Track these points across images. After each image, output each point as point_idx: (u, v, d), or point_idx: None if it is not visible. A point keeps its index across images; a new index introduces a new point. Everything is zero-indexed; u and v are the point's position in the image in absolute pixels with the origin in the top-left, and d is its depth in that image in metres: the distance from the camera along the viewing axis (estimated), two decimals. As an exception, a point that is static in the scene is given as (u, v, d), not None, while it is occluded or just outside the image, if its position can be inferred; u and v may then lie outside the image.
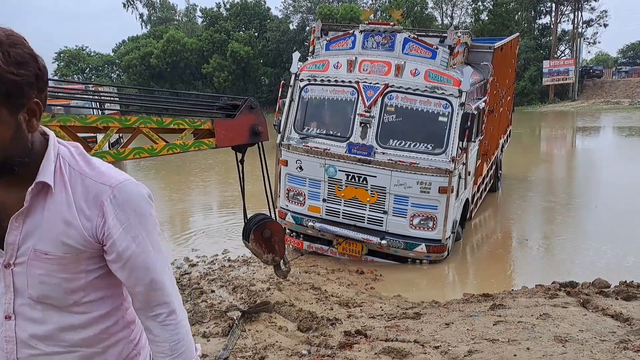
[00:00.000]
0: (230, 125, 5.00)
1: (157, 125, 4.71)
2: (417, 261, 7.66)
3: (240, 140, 5.11)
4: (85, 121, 4.44)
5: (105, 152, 4.51)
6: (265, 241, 5.58)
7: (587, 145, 24.77)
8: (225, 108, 5.19)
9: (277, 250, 5.71)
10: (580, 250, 8.67)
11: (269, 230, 5.51)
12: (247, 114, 5.03)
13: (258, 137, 5.14)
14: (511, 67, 13.04)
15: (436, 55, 7.33)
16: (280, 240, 5.72)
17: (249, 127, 5.04)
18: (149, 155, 4.79)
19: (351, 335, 4.82)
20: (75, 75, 54.71)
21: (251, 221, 5.63)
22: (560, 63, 48.67)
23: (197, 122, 4.91)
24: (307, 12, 54.92)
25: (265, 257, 5.69)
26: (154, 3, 63.44)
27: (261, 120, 5.12)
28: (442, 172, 7.18)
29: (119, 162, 18.47)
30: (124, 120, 4.61)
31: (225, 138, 4.97)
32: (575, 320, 4.50)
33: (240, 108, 5.04)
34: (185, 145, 4.85)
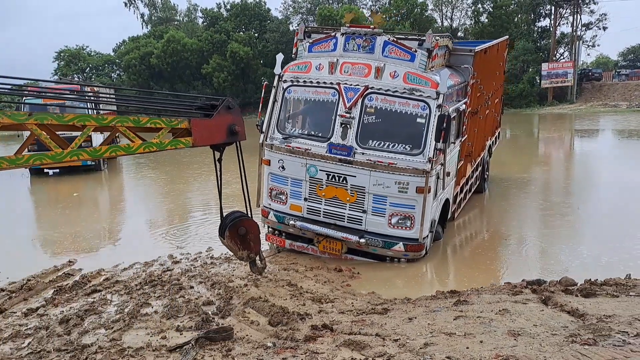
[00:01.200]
0: (207, 124, 5.10)
1: (133, 124, 4.80)
2: (395, 260, 7.81)
3: (217, 140, 5.21)
4: (62, 119, 4.52)
5: (81, 150, 4.57)
6: (240, 238, 5.75)
7: (583, 148, 24.94)
8: (203, 108, 5.31)
9: (252, 247, 5.88)
10: (557, 250, 8.83)
11: (244, 227, 5.67)
12: (224, 114, 5.14)
13: (235, 137, 5.25)
14: (499, 69, 13.19)
15: (415, 57, 7.49)
16: (255, 238, 5.89)
17: (226, 127, 5.15)
18: (126, 154, 4.94)
19: (318, 329, 4.98)
20: (75, 75, 54.94)
21: (227, 218, 5.79)
22: (559, 66, 48.84)
23: (174, 122, 5.00)
24: (307, 13, 55.18)
25: (240, 254, 5.86)
26: (155, 3, 63.72)
27: (239, 120, 5.23)
28: (420, 173, 7.33)
29: (113, 160, 18.71)
30: (101, 119, 4.69)
31: (202, 137, 5.07)
32: (532, 316, 4.65)
33: (217, 108, 5.16)
34: (161, 144, 4.95)
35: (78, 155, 4.53)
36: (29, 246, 9.92)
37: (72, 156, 4.47)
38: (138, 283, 7.02)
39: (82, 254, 8.92)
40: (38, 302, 6.53)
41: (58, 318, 5.86)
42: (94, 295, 6.67)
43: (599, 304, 4.95)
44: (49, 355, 4.94)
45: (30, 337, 5.43)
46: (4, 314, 6.17)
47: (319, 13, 49.09)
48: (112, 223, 11.68)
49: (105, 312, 6.03)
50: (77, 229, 10.77)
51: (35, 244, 10.17)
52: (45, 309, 6.25)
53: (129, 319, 5.68)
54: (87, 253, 9.05)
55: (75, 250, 9.14)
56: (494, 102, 12.98)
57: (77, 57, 57.02)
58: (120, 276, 7.48)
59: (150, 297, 6.42)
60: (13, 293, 6.81)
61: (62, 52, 56.95)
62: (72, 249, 9.30)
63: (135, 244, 9.61)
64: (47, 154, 4.42)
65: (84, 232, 10.52)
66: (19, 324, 5.81)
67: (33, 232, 11.11)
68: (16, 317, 6.06)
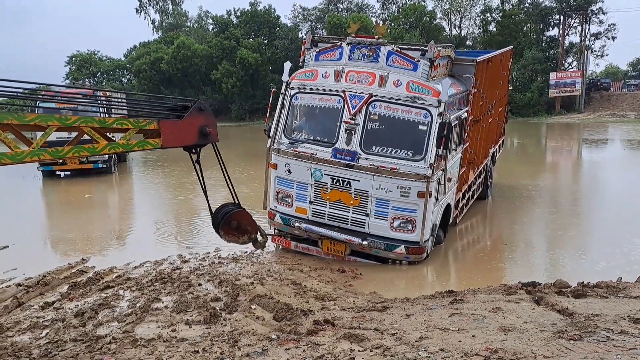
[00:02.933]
0: (177, 125, 5.06)
1: (99, 125, 4.71)
2: (397, 262, 8.07)
3: (187, 141, 5.18)
4: (24, 119, 4.42)
5: (42, 150, 4.47)
6: (236, 230, 5.93)
7: (591, 157, 25.02)
8: (175, 109, 5.29)
9: (249, 231, 6.06)
10: (556, 255, 9.06)
11: (235, 221, 5.84)
12: (195, 115, 5.11)
13: (207, 138, 5.22)
14: (502, 79, 13.43)
15: (417, 67, 7.76)
16: (249, 223, 6.02)
17: (197, 128, 5.12)
18: (90, 155, 4.85)
19: (320, 324, 5.24)
20: (86, 79, 55.70)
21: (217, 217, 5.92)
22: (567, 75, 48.91)
23: (142, 123, 4.96)
24: (316, 21, 55.68)
25: (242, 240, 6.09)
26: (166, 9, 64.49)
27: (211, 122, 5.20)
28: (421, 178, 7.59)
29: (125, 160, 19.10)
30: (64, 119, 4.58)
31: (171, 138, 5.03)
32: (523, 314, 4.90)
33: (189, 109, 5.13)
34: (128, 145, 4.90)
35: (39, 155, 4.44)
36: (43, 245, 10.28)
37: (32, 156, 4.38)
38: (149, 280, 7.32)
39: (94, 252, 9.24)
40: (54, 297, 6.85)
41: (73, 311, 6.17)
42: (107, 290, 6.97)
43: (588, 304, 5.18)
44: (65, 344, 5.23)
45: (48, 328, 5.74)
46: (22, 307, 6.50)
47: (328, 21, 49.55)
48: (123, 223, 12.01)
49: (118, 307, 6.34)
50: (89, 229, 11.12)
51: (49, 243, 10.52)
52: (60, 303, 6.56)
53: (140, 313, 5.99)
54: (99, 252, 9.38)
55: (87, 250, 9.47)
56: (497, 110, 13.22)
57: (89, 61, 57.79)
58: (131, 274, 7.79)
59: (161, 293, 6.72)
60: (30, 288, 7.13)
61: (74, 56, 57.76)
62: (84, 248, 9.63)
63: (146, 244, 9.92)
64: (6, 154, 4.28)
65: (96, 232, 10.86)
66: (36, 316, 6.13)
67: (47, 232, 11.46)
68: (34, 310, 6.37)
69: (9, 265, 8.29)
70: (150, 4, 64.10)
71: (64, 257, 9.12)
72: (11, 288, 7.14)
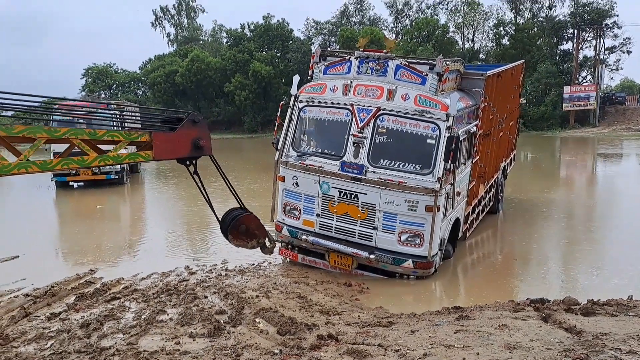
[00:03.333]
0: (170, 138, 4.97)
1: (89, 137, 4.62)
2: (405, 276, 7.99)
3: (180, 154, 5.08)
4: (12, 132, 4.34)
5: (30, 162, 4.37)
6: (244, 234, 5.89)
7: (606, 171, 24.73)
8: (169, 121, 5.21)
9: (258, 235, 6.01)
10: (567, 271, 8.93)
11: (243, 225, 5.79)
12: (189, 128, 5.01)
13: (200, 151, 5.11)
14: (513, 93, 13.36)
15: (426, 81, 7.76)
16: (257, 227, 5.94)
17: (190, 141, 5.01)
18: (79, 167, 4.77)
19: (323, 338, 5.19)
20: (102, 91, 56.49)
21: (224, 222, 5.89)
22: (581, 89, 48.63)
23: (133, 135, 4.83)
24: (328, 34, 56.05)
25: (251, 244, 6.03)
26: (181, 23, 65.38)
27: (204, 134, 5.10)
28: (429, 192, 7.54)
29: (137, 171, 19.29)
30: (53, 131, 4.48)
31: (164, 151, 4.95)
32: (529, 331, 4.81)
33: (182, 122, 5.04)
34: (118, 157, 4.79)
35: (27, 167, 4.35)
36: (54, 255, 10.36)
37: (19, 168, 4.30)
38: (155, 292, 7.33)
39: (103, 263, 9.29)
40: (61, 307, 6.88)
41: (79, 322, 6.18)
42: (114, 302, 6.99)
43: (597, 322, 5.08)
44: (69, 356, 5.24)
45: (53, 339, 5.75)
46: (29, 317, 6.53)
47: (341, 34, 49.90)
48: (132, 235, 12.08)
49: (123, 318, 6.34)
50: (99, 240, 11.19)
51: (59, 253, 10.61)
52: (67, 314, 6.58)
53: (145, 325, 5.98)
54: (108, 263, 9.42)
55: (96, 260, 9.52)
56: (508, 124, 13.15)
57: (105, 74, 58.68)
58: (138, 285, 7.80)
59: (166, 305, 6.71)
60: (37, 298, 7.16)
61: (90, 69, 58.67)
62: (94, 258, 9.69)
63: (154, 255, 9.95)
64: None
65: (106, 243, 10.93)
66: (42, 327, 6.15)
67: (57, 243, 11.57)
68: (40, 321, 6.40)
69: (18, 275, 8.36)
70: (165, 18, 65.15)
71: (73, 267, 9.17)
72: (19, 298, 7.19)
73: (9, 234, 11.97)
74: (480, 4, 56.63)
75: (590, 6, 49.63)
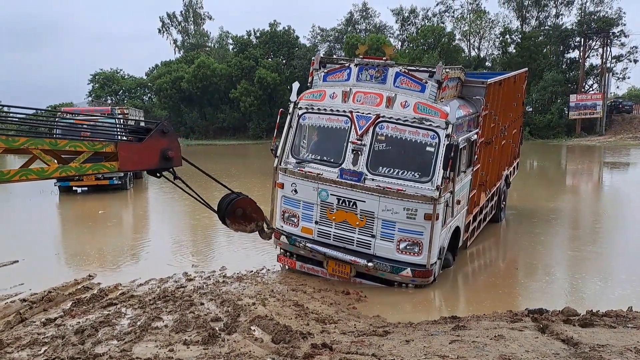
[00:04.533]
0: (137, 149, 4.78)
1: (50, 146, 4.38)
2: (403, 285, 7.93)
3: (148, 165, 4.92)
4: None
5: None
6: (242, 218, 5.81)
7: (613, 180, 24.53)
8: (137, 131, 5.05)
9: (255, 218, 5.94)
10: (570, 281, 8.83)
11: (240, 208, 5.70)
12: (157, 138, 4.82)
13: (169, 162, 4.94)
14: (516, 101, 13.30)
15: (425, 88, 7.73)
16: (254, 210, 5.83)
17: (158, 152, 4.83)
18: (40, 178, 4.49)
19: (317, 347, 5.13)
20: (108, 97, 56.81)
21: (221, 209, 5.79)
22: (588, 97, 48.38)
23: (97, 145, 4.65)
24: (334, 41, 56.18)
25: (250, 228, 5.94)
26: (187, 30, 65.73)
27: (174, 145, 4.92)
28: (428, 200, 7.49)
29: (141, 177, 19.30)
30: (11, 140, 4.23)
31: (129, 162, 4.77)
32: (525, 342, 4.73)
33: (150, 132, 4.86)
34: (81, 168, 4.58)
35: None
36: (53, 260, 10.35)
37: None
38: (152, 298, 7.30)
39: (102, 269, 9.28)
40: (57, 313, 6.86)
41: (74, 328, 6.16)
42: (110, 308, 6.96)
43: (594, 334, 5.00)
44: (62, 362, 5.21)
45: (47, 345, 5.73)
46: (24, 323, 6.52)
47: (346, 42, 49.99)
48: (133, 240, 12.07)
49: (118, 325, 6.31)
50: (100, 245, 11.20)
51: (58, 258, 10.60)
52: (62, 320, 6.57)
53: (140, 332, 5.95)
54: (107, 268, 9.41)
55: (96, 265, 9.51)
56: (511, 132, 13.08)
57: (111, 79, 59.02)
58: (136, 291, 7.78)
59: (162, 312, 6.68)
60: (34, 304, 7.15)
61: (97, 74, 59.04)
62: (93, 263, 9.68)
63: (154, 261, 9.93)
64: None
65: (106, 248, 10.93)
66: (37, 333, 6.13)
67: (58, 247, 11.58)
68: (35, 326, 6.38)
69: (16, 280, 8.36)
70: (172, 25, 65.52)
71: (72, 272, 9.18)
72: (16, 303, 7.18)
73: (11, 239, 11.99)
74: (486, 12, 56.65)
75: (598, 15, 49.53)
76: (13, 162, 22.26)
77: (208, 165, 5.30)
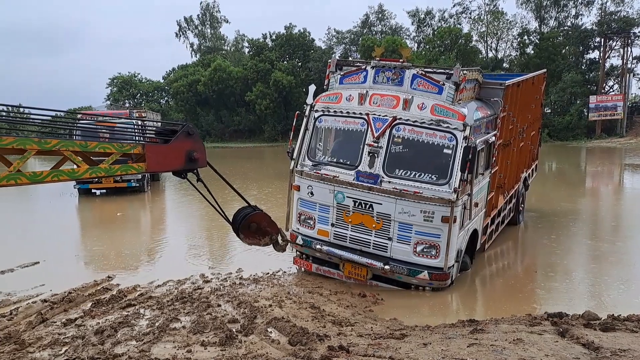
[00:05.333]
0: (163, 150, 4.95)
1: (80, 148, 4.54)
2: (420, 288, 7.89)
3: (174, 166, 5.05)
4: (0, 143, 4.19)
5: (19, 174, 4.28)
6: (256, 232, 5.85)
7: (634, 183, 24.12)
8: (163, 134, 5.20)
9: (270, 232, 5.97)
10: (590, 284, 8.70)
11: (254, 223, 5.75)
12: (183, 140, 4.98)
13: (194, 164, 5.09)
14: (535, 102, 13.16)
15: (442, 90, 7.69)
16: (269, 224, 5.87)
17: (184, 153, 4.99)
18: (70, 179, 4.63)
19: (334, 350, 5.14)
20: (126, 100, 57.45)
21: (235, 222, 5.84)
22: (608, 98, 47.65)
23: (125, 147, 4.80)
24: (350, 44, 56.12)
25: (264, 242, 5.97)
26: (204, 33, 66.18)
27: (198, 147, 5.07)
28: (445, 202, 7.44)
29: (158, 179, 19.49)
30: (44, 142, 4.39)
31: (157, 163, 4.93)
32: (545, 346, 4.68)
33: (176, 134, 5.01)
34: (110, 170, 4.73)
35: (16, 179, 4.26)
36: (73, 261, 10.49)
37: (8, 180, 4.20)
38: (170, 299, 7.37)
39: (120, 270, 9.38)
40: (77, 313, 6.96)
41: (94, 329, 6.25)
42: (129, 309, 7.05)
43: (616, 339, 4.93)
44: (82, 362, 5.28)
45: (67, 345, 5.82)
46: (45, 323, 6.62)
47: (362, 43, 49.90)
48: (151, 242, 12.19)
49: (137, 325, 6.38)
50: (118, 246, 11.33)
51: (79, 259, 10.74)
52: (82, 320, 6.66)
53: (158, 333, 6.02)
54: (126, 269, 9.52)
55: (114, 267, 9.63)
56: (529, 134, 12.95)
57: (129, 83, 59.63)
58: (154, 292, 7.86)
59: (180, 313, 6.74)
60: (55, 304, 7.26)
61: (115, 78, 59.73)
62: (112, 265, 9.80)
63: (171, 263, 10.03)
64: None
65: (124, 250, 11.05)
66: (58, 333, 6.22)
67: (77, 249, 11.72)
68: (56, 327, 6.48)
69: (37, 281, 8.50)
70: (189, 29, 66.04)
71: (92, 273, 9.30)
72: (37, 304, 7.30)
73: (32, 240, 12.21)
74: (504, 13, 56.13)
75: (618, 14, 48.75)
76: (34, 164, 22.59)
77: (224, 168, 5.33)
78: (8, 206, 17.67)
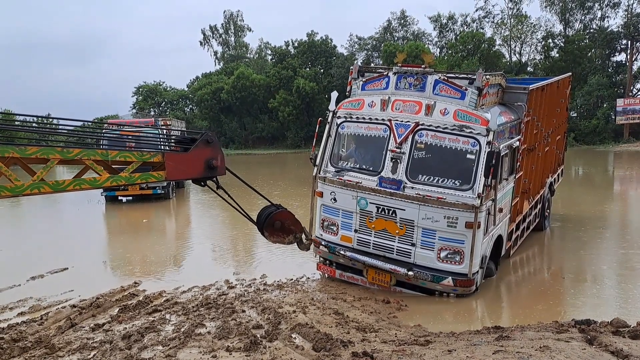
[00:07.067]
0: (183, 158, 5.01)
1: (101, 157, 4.63)
2: (444, 294, 7.83)
3: (193, 174, 5.12)
4: (25, 152, 4.29)
5: (42, 183, 4.36)
6: (280, 230, 5.89)
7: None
8: (182, 142, 5.29)
9: (294, 230, 6.00)
10: (619, 291, 8.50)
11: (278, 221, 5.80)
12: (202, 148, 5.03)
13: (214, 171, 5.14)
14: (560, 106, 12.97)
15: (465, 95, 7.66)
16: (292, 222, 5.95)
17: (203, 161, 5.04)
18: (91, 187, 4.68)
19: (358, 356, 5.15)
20: (151, 109, 58.42)
21: (259, 221, 5.87)
22: (636, 101, 46.62)
23: (145, 155, 4.87)
24: (372, 50, 56.15)
25: (288, 240, 6.02)
26: (228, 42, 67.01)
27: (218, 155, 5.11)
28: (469, 208, 7.39)
29: (183, 186, 19.77)
30: (66, 152, 4.48)
31: (176, 171, 4.99)
32: (572, 354, 4.61)
33: (196, 142, 5.07)
34: (131, 178, 4.81)
35: (39, 188, 4.35)
36: (100, 267, 10.71)
37: (32, 189, 4.29)
38: (195, 305, 7.46)
39: (146, 276, 9.54)
40: (105, 319, 7.10)
41: (121, 334, 6.37)
42: (155, 314, 7.16)
43: (646, 347, 4.82)
44: (110, 366, 5.39)
45: (96, 349, 5.95)
46: (74, 328, 6.77)
47: (384, 50, 49.85)
48: (176, 248, 12.36)
49: (163, 330, 6.48)
50: (144, 252, 11.52)
51: (106, 265, 10.95)
52: (110, 325, 6.79)
53: (184, 338, 6.10)
54: (152, 275, 9.66)
55: (141, 273, 9.80)
56: (554, 139, 12.77)
57: (154, 92, 60.67)
58: (179, 298, 7.96)
59: (205, 319, 6.82)
60: (83, 309, 7.41)
61: (141, 87, 60.84)
62: (138, 271, 9.97)
63: (196, 269, 10.15)
64: (5, 187, 4.19)
65: (150, 256, 11.23)
66: (86, 337, 6.36)
67: (104, 255, 11.96)
68: (85, 331, 6.62)
69: (66, 286, 8.69)
70: (213, 37, 66.97)
71: (118, 279, 9.47)
72: (66, 309, 7.46)
73: (60, 247, 12.49)
74: (527, 17, 55.46)
75: (645, 16, 47.83)
76: (62, 172, 23.11)
77: (248, 175, 5.39)
78: (37, 213, 18.15)
